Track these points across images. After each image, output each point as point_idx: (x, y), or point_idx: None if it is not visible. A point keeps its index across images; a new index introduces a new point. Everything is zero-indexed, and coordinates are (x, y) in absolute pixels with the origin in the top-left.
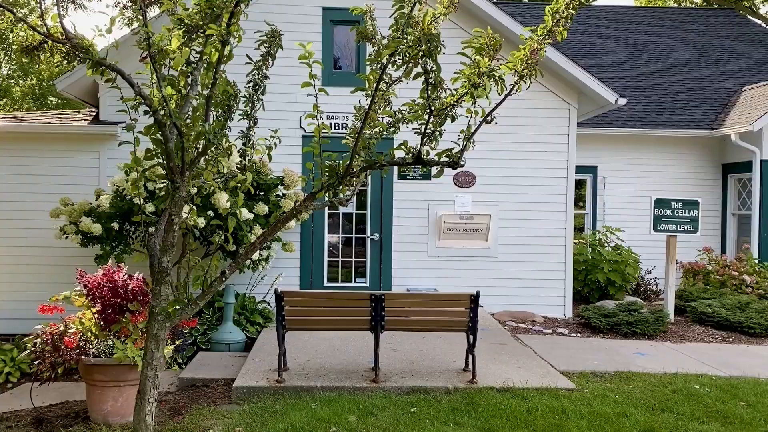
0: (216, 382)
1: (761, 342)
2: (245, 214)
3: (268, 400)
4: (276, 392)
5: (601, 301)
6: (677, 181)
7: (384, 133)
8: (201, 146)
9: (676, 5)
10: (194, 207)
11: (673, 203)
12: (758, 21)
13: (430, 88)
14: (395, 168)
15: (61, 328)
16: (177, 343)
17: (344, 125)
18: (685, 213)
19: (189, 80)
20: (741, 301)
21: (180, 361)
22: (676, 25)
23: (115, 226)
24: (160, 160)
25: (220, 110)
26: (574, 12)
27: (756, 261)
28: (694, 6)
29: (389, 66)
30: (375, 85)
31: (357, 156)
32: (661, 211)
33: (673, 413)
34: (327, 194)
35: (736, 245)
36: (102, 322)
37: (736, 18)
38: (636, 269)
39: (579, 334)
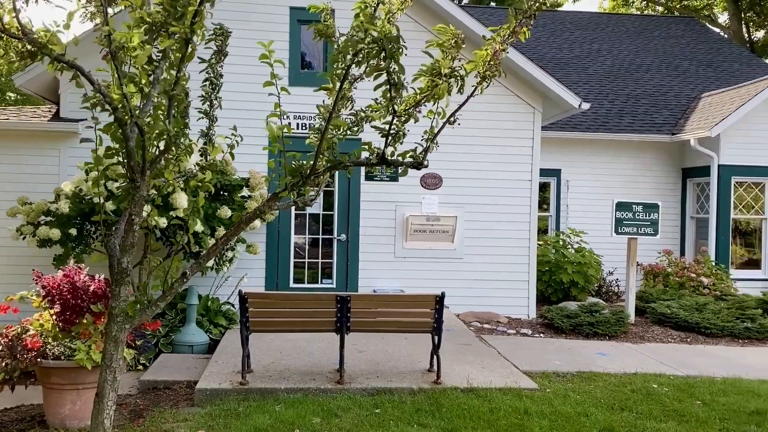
0: (178, 385)
1: (717, 342)
2: (198, 226)
3: (232, 403)
4: (239, 394)
5: (563, 302)
6: (638, 184)
7: (348, 132)
8: (162, 145)
9: (638, 13)
10: (155, 207)
11: (634, 206)
12: (717, 29)
13: (392, 88)
14: (362, 169)
15: (18, 330)
16: (138, 344)
17: (313, 125)
18: (645, 216)
19: (151, 78)
20: (698, 303)
21: (142, 362)
22: (638, 32)
23: (74, 232)
24: (121, 159)
25: (179, 108)
26: (537, 12)
27: (713, 263)
28: (656, 14)
29: (353, 66)
30: (339, 84)
31: (321, 156)
32: (622, 214)
33: (632, 412)
34: (291, 195)
35: (694, 248)
36: (61, 324)
37: (696, 26)
38: (598, 271)
39: (542, 335)
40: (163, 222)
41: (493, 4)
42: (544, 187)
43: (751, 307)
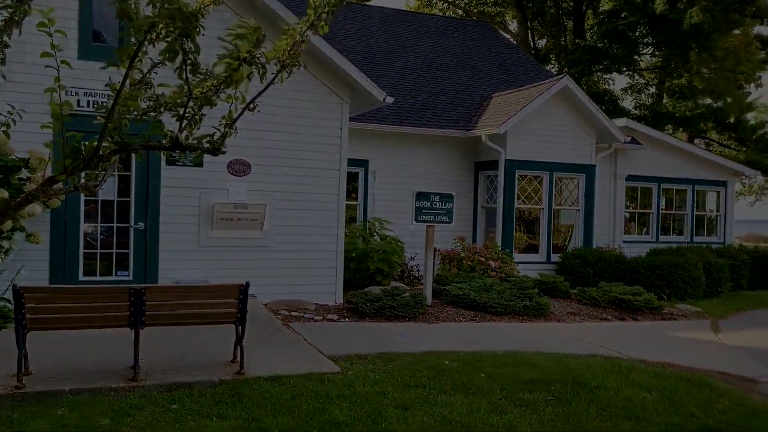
0: None
1: (501, 319)
2: None
3: (4, 410)
4: (14, 400)
5: (369, 287)
6: (438, 176)
7: (144, 116)
8: None
9: (440, 14)
10: None
11: (432, 196)
12: (507, 36)
13: (188, 69)
14: (163, 153)
15: None
16: None
17: (105, 103)
18: (442, 205)
19: None
20: (486, 284)
21: None
22: (439, 33)
23: None
24: None
25: None
26: (335, 8)
27: (500, 248)
28: (456, 17)
29: (146, 43)
30: (129, 62)
31: (109, 138)
32: (421, 203)
33: (425, 388)
34: (74, 179)
35: (484, 235)
36: None
37: (489, 31)
38: (401, 257)
39: (347, 320)
40: None
41: None
42: (353, 177)
43: (530, 287)
